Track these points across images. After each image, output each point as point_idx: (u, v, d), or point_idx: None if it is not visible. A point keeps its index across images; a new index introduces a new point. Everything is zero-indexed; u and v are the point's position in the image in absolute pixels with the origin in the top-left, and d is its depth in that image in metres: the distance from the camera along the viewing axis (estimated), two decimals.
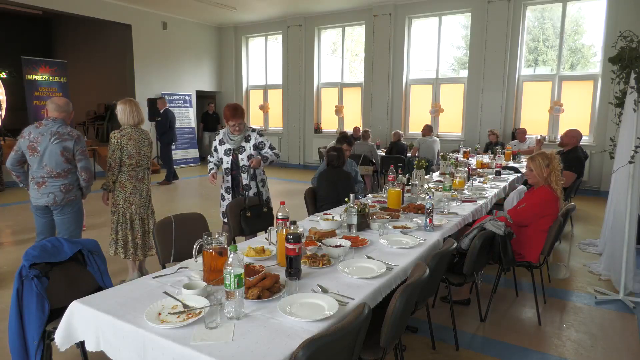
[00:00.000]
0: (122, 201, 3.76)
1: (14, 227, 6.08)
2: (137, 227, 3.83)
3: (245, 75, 13.50)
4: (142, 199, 3.86)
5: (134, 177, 3.79)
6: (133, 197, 3.78)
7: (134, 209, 3.80)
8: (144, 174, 3.88)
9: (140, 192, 3.83)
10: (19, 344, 2.23)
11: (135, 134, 3.74)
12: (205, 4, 10.57)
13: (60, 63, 10.88)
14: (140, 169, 3.82)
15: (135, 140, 3.73)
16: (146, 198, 3.90)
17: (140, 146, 3.77)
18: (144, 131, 3.88)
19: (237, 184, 3.96)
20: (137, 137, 3.75)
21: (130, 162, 3.72)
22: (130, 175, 3.77)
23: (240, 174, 3.91)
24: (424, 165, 4.45)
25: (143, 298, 1.91)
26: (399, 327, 2.00)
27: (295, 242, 2.05)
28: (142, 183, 3.85)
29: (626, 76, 3.86)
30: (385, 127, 10.74)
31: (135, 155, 3.73)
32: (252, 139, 3.91)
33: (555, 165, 3.42)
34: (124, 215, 3.78)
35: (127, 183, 3.76)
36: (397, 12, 10.31)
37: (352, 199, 2.94)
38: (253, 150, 3.89)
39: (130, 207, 3.78)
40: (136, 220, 3.83)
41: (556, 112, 9.01)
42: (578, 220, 6.48)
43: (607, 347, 3.06)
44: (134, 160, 3.74)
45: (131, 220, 3.80)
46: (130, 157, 3.71)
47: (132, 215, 3.80)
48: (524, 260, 3.39)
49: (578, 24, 9.19)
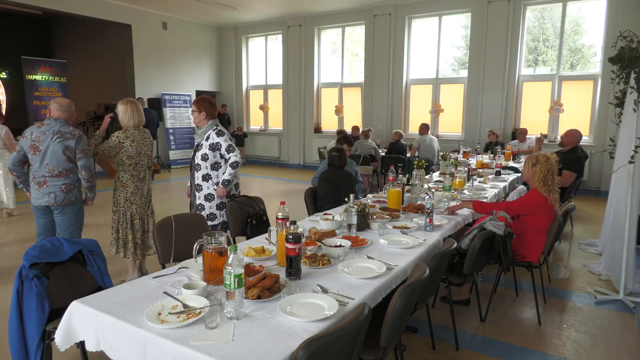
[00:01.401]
0: (123, 200, 3.77)
1: (14, 227, 6.08)
2: (137, 227, 3.84)
3: (245, 75, 13.51)
4: (143, 198, 3.86)
5: (136, 176, 3.79)
6: (134, 197, 3.79)
7: (134, 208, 3.80)
8: (145, 173, 3.89)
9: (141, 192, 3.84)
10: (19, 344, 2.23)
11: (137, 135, 3.75)
12: (205, 4, 10.57)
13: (60, 63, 10.88)
14: (141, 168, 3.83)
15: (137, 141, 3.73)
16: (147, 198, 3.91)
17: (142, 146, 3.77)
18: (146, 131, 3.89)
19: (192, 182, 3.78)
20: (139, 138, 3.76)
21: (129, 163, 3.73)
22: (132, 174, 3.77)
23: (195, 173, 3.72)
24: (424, 165, 4.46)
25: (143, 298, 1.91)
26: (399, 327, 2.00)
27: (295, 242, 2.05)
28: (143, 183, 3.86)
29: (626, 76, 3.86)
30: (385, 127, 10.75)
31: (134, 156, 3.73)
32: (210, 138, 3.64)
33: (542, 167, 3.31)
34: (125, 215, 3.78)
35: (129, 182, 3.76)
36: (397, 12, 10.31)
37: (352, 199, 2.94)
38: (209, 150, 3.62)
39: (131, 206, 3.79)
40: (136, 219, 3.83)
41: (556, 112, 9.01)
42: (578, 220, 6.47)
43: (607, 347, 3.06)
44: (133, 161, 3.74)
45: (132, 219, 3.81)
46: (129, 158, 3.71)
47: (133, 215, 3.81)
48: (524, 260, 3.39)
49: (578, 24, 9.19)
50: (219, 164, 3.68)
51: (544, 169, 3.31)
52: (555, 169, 3.36)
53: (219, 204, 3.70)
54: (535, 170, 3.34)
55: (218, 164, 3.67)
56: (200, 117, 3.67)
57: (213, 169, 3.66)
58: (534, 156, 3.44)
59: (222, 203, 3.71)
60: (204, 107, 3.66)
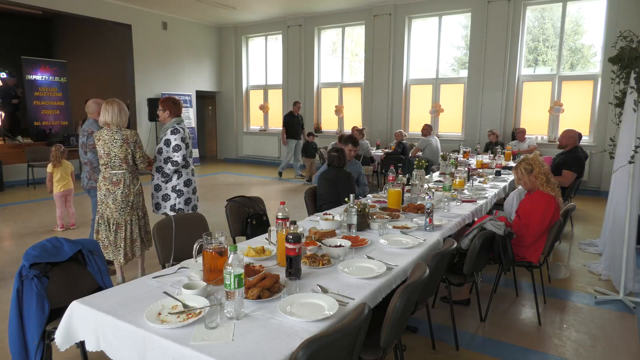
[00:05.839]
0: (100, 202, 3.71)
1: (14, 227, 6.09)
2: (112, 230, 3.69)
3: (245, 75, 13.50)
4: (117, 203, 3.66)
5: (108, 179, 3.66)
6: (107, 199, 3.67)
7: (109, 212, 3.68)
8: (121, 178, 3.66)
9: (114, 196, 3.65)
10: (19, 344, 2.23)
11: (106, 135, 3.62)
12: (205, 4, 10.57)
13: (60, 63, 10.87)
14: (114, 171, 3.66)
15: (105, 141, 3.61)
16: (122, 203, 3.67)
17: (111, 148, 3.61)
18: (119, 132, 3.64)
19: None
20: (108, 138, 3.61)
21: (101, 162, 3.69)
22: (104, 177, 3.68)
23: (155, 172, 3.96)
24: (424, 165, 4.46)
25: (143, 298, 1.91)
26: (399, 327, 2.00)
27: (295, 242, 2.05)
28: (116, 187, 3.65)
29: (626, 76, 3.86)
30: (385, 127, 10.75)
31: (103, 156, 3.64)
32: (167, 134, 3.88)
33: (539, 169, 3.36)
34: (103, 217, 3.71)
35: (101, 184, 3.69)
36: (397, 12, 10.31)
37: (352, 199, 2.94)
38: (163, 145, 3.87)
39: (106, 209, 3.69)
40: (112, 223, 3.69)
41: (556, 112, 9.01)
42: (578, 220, 6.48)
43: (607, 347, 3.06)
44: (103, 160, 3.65)
45: (108, 222, 3.70)
46: (100, 157, 3.68)
47: (109, 218, 3.70)
48: (524, 260, 3.39)
49: (578, 24, 9.19)
50: (170, 159, 3.91)
51: (541, 170, 3.38)
52: (546, 165, 3.45)
53: (164, 195, 3.97)
54: (535, 174, 3.37)
55: (170, 158, 3.91)
56: (164, 115, 3.97)
57: (165, 162, 3.92)
58: (523, 164, 3.45)
59: (167, 195, 3.96)
60: (167, 106, 3.96)
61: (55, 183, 5.71)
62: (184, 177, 3.97)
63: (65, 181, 5.77)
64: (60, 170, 5.73)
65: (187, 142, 3.95)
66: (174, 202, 3.94)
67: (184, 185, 3.97)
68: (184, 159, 3.91)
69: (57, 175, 5.71)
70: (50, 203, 6.34)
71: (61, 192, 5.74)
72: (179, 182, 3.95)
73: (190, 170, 4.05)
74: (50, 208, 6.61)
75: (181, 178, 3.96)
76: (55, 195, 5.74)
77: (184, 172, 3.97)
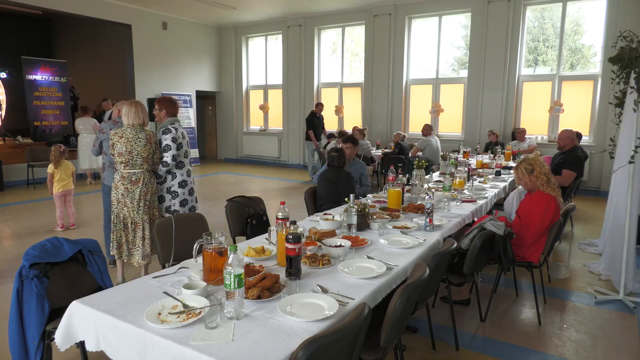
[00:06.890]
0: (116, 201, 3.71)
1: (14, 227, 6.09)
2: (130, 230, 3.72)
3: (245, 75, 13.50)
4: (134, 202, 3.68)
5: (127, 178, 3.67)
6: (125, 199, 3.68)
7: (126, 211, 3.70)
8: (140, 177, 3.70)
9: (132, 195, 3.67)
10: (19, 344, 2.23)
11: (130, 134, 3.65)
12: (205, 4, 10.57)
13: (60, 63, 10.87)
14: (133, 170, 3.68)
15: (129, 139, 3.64)
16: (140, 202, 3.69)
17: (134, 146, 3.65)
18: (144, 131, 3.74)
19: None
20: (132, 137, 3.65)
21: (120, 161, 3.66)
22: (123, 176, 3.68)
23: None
24: (424, 165, 4.46)
25: (143, 298, 1.91)
26: (399, 327, 2.00)
27: (295, 242, 2.05)
28: (135, 186, 3.68)
29: (626, 76, 3.86)
30: (385, 127, 10.75)
31: (124, 153, 3.63)
32: (161, 134, 3.88)
33: (540, 169, 3.36)
34: (118, 216, 3.72)
35: (120, 184, 3.68)
36: (397, 12, 10.31)
37: (352, 199, 2.94)
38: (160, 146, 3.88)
39: (123, 208, 3.70)
40: (129, 222, 3.72)
41: (556, 112, 9.01)
42: (578, 220, 6.48)
43: (607, 347, 3.06)
44: (123, 158, 3.64)
45: (124, 221, 3.72)
46: (119, 155, 3.64)
47: (125, 217, 3.71)
48: (524, 260, 3.39)
49: (578, 24, 9.19)
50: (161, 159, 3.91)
51: (542, 170, 3.37)
52: (547, 165, 3.44)
53: (159, 197, 3.95)
54: (536, 175, 3.36)
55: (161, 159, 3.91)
56: (161, 115, 3.95)
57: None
58: (524, 164, 3.45)
59: (161, 196, 3.94)
60: (165, 106, 3.93)
61: (55, 183, 5.71)
62: (179, 178, 3.91)
63: (65, 181, 5.77)
64: (61, 171, 5.73)
65: (180, 142, 3.86)
66: (168, 203, 3.90)
67: (179, 186, 3.91)
68: (174, 159, 3.83)
69: (57, 176, 5.72)
70: (50, 203, 6.34)
71: (60, 192, 5.74)
72: (173, 183, 3.89)
73: (186, 171, 3.96)
74: (50, 208, 6.61)
75: (175, 179, 3.90)
76: (55, 196, 5.74)
77: (177, 172, 3.90)
